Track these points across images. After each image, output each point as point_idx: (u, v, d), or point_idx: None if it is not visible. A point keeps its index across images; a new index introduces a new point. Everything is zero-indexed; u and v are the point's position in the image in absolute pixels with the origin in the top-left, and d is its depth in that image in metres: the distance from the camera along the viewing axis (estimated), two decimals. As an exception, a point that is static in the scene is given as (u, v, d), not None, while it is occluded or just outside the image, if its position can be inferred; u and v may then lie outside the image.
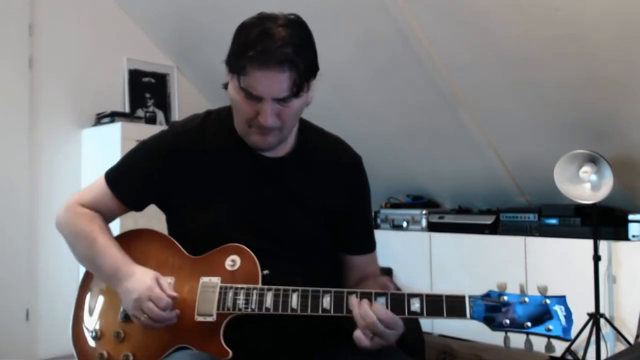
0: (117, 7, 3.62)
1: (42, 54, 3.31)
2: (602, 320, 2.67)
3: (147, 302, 1.13)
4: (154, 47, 3.79)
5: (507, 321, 1.07)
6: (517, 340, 1.10)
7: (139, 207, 1.33)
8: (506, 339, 1.08)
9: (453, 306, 1.08)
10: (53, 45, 3.35)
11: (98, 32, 3.54)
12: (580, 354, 2.70)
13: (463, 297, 1.08)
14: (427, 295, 1.09)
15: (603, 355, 2.66)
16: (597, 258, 2.70)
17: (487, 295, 1.09)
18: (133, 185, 1.30)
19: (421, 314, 1.09)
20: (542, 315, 1.06)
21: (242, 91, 1.13)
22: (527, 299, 1.08)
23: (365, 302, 1.10)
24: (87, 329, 1.27)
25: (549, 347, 1.07)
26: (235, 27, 1.18)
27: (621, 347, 2.71)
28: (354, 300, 1.11)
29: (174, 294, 1.15)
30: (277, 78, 1.10)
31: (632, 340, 2.63)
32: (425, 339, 1.51)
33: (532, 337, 1.08)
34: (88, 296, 1.31)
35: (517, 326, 1.07)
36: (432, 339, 3.27)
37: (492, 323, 1.08)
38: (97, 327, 1.25)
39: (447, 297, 1.09)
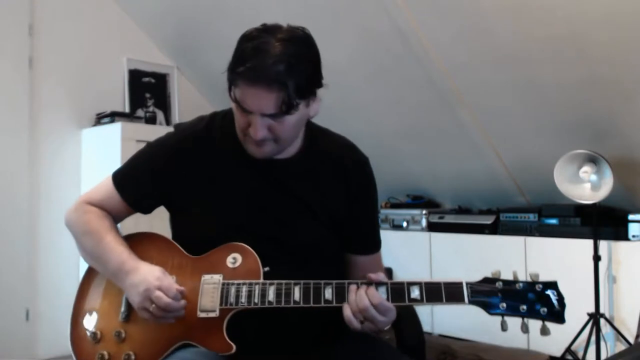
0: (117, 7, 3.62)
1: (42, 54, 3.31)
2: (602, 320, 2.66)
3: (156, 291, 1.14)
4: (154, 47, 3.79)
5: (504, 305, 1.11)
6: (514, 324, 1.13)
7: (145, 209, 1.34)
8: (503, 323, 1.12)
9: (451, 292, 1.13)
10: (53, 45, 3.35)
11: (98, 32, 3.54)
12: (580, 354, 2.70)
13: (461, 284, 1.13)
14: (426, 283, 1.13)
15: (603, 355, 2.66)
16: (597, 258, 2.70)
17: (483, 281, 1.14)
18: (138, 188, 1.31)
19: (421, 300, 1.12)
20: (535, 299, 1.12)
21: (233, 102, 1.16)
22: (520, 285, 1.13)
23: (363, 287, 1.13)
24: (86, 330, 1.26)
25: (544, 330, 1.11)
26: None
27: (621, 347, 2.71)
28: (352, 286, 1.14)
29: (181, 287, 1.16)
30: (264, 96, 1.11)
31: (632, 340, 2.63)
32: (425, 339, 1.51)
33: (528, 321, 1.12)
34: (87, 298, 1.31)
35: (512, 310, 1.11)
36: (432, 339, 3.27)
37: (489, 308, 1.12)
38: (97, 328, 1.25)
39: (446, 283, 1.13)
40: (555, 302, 1.12)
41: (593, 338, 2.65)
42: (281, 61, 1.09)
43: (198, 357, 1.14)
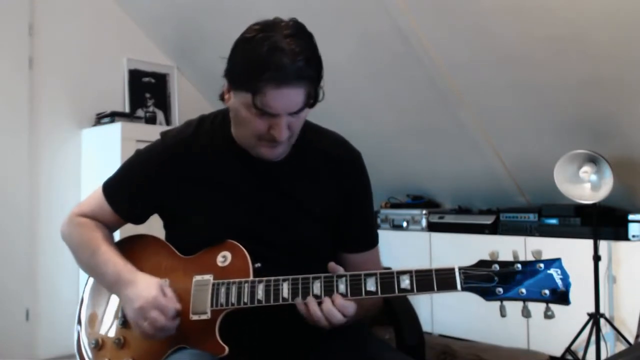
0: (117, 7, 3.62)
1: (42, 54, 3.31)
2: (602, 320, 2.67)
3: (153, 310, 1.12)
4: (154, 47, 3.79)
5: (501, 290, 1.04)
6: (514, 309, 1.06)
7: (137, 220, 1.34)
8: (502, 308, 1.05)
9: (443, 279, 1.06)
10: (53, 45, 3.35)
11: (98, 32, 3.54)
12: (580, 354, 2.70)
13: (453, 269, 1.06)
14: (417, 271, 1.08)
15: (603, 355, 2.66)
16: (597, 258, 2.70)
17: (478, 264, 1.07)
18: (129, 199, 1.30)
19: (411, 290, 1.07)
20: (536, 280, 1.03)
21: (254, 109, 1.11)
22: (519, 266, 1.05)
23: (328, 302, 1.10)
24: (89, 339, 1.27)
25: (547, 313, 1.03)
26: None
27: (621, 347, 2.71)
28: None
29: (178, 305, 1.15)
30: (294, 94, 1.10)
31: (632, 340, 2.63)
32: (425, 339, 1.51)
33: (530, 305, 1.04)
34: (91, 303, 1.32)
35: (511, 294, 1.03)
36: (432, 339, 3.27)
37: (485, 294, 1.04)
38: (99, 335, 1.26)
39: (437, 270, 1.07)
40: (558, 282, 1.02)
41: (593, 338, 2.65)
42: (300, 56, 1.08)
43: (194, 359, 1.14)
